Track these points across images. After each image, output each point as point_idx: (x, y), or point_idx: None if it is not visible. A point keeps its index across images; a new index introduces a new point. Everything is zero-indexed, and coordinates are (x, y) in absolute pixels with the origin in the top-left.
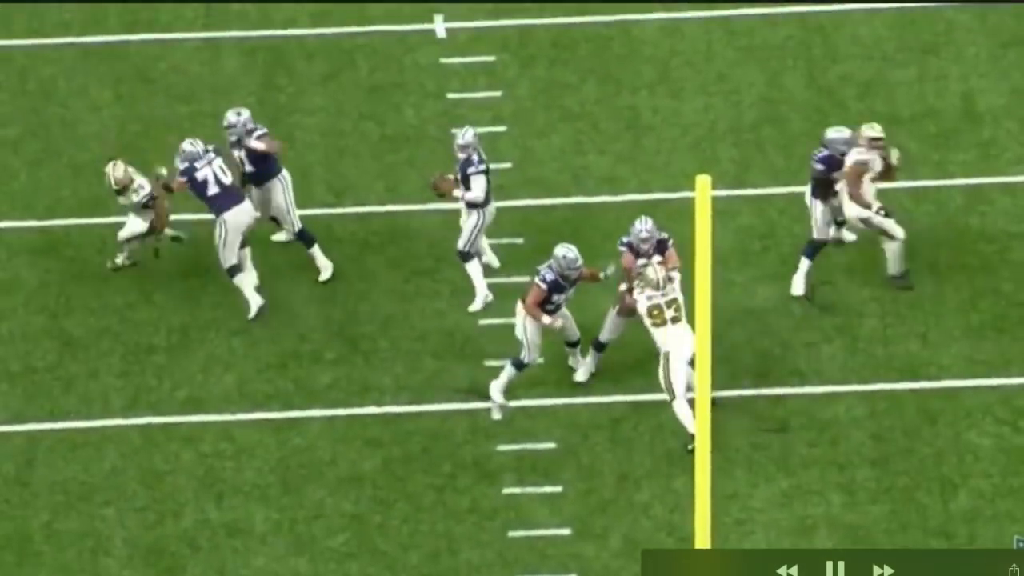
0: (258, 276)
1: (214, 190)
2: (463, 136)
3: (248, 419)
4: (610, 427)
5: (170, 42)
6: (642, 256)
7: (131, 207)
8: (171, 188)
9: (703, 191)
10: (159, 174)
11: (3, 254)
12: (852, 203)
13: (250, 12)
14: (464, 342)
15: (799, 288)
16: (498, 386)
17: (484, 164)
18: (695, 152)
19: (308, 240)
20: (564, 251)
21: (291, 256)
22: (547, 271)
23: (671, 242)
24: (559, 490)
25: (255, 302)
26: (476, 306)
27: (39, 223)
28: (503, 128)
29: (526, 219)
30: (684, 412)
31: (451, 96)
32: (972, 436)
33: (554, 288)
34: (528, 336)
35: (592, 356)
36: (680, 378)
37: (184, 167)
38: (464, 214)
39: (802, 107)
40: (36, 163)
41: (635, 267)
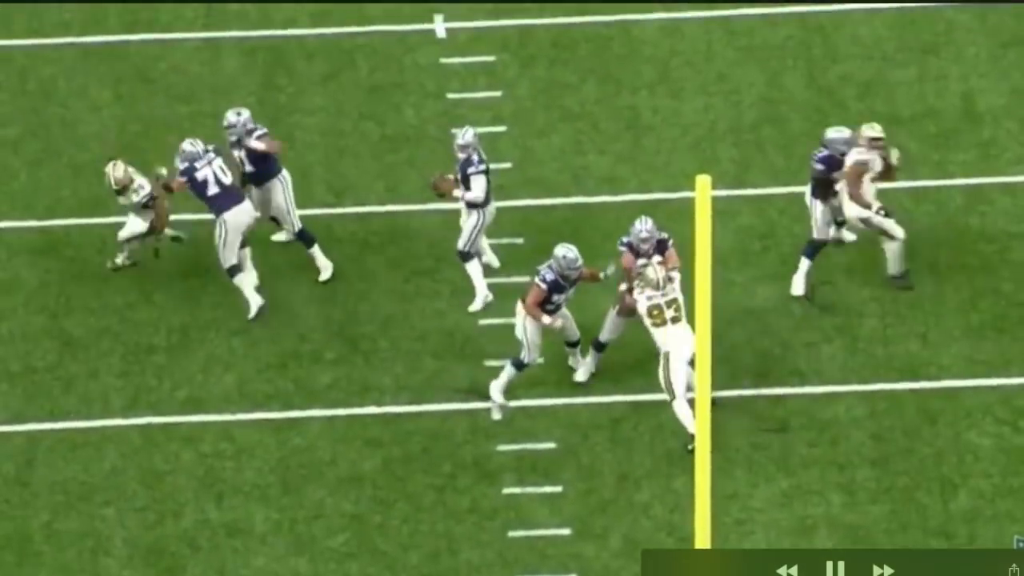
0: (258, 276)
1: (214, 190)
2: (463, 136)
3: (248, 419)
4: (610, 427)
5: (170, 42)
6: (642, 256)
7: (131, 207)
8: (171, 188)
9: (703, 191)
10: (159, 174)
11: (3, 254)
12: (852, 203)
13: (250, 12)
14: (464, 342)
15: (799, 288)
16: (498, 386)
17: (484, 164)
18: (695, 152)
19: (308, 240)
20: (564, 251)
21: (291, 256)
22: (547, 271)
23: (671, 242)
24: (559, 490)
25: (255, 302)
26: (476, 306)
27: (39, 223)
28: (503, 128)
29: (526, 219)
30: (684, 412)
31: (451, 96)
32: (972, 436)
33: (554, 288)
34: (528, 336)
35: (592, 356)
36: (680, 378)
37: (184, 167)
38: (464, 214)
39: (802, 107)
40: (36, 163)
41: (635, 267)
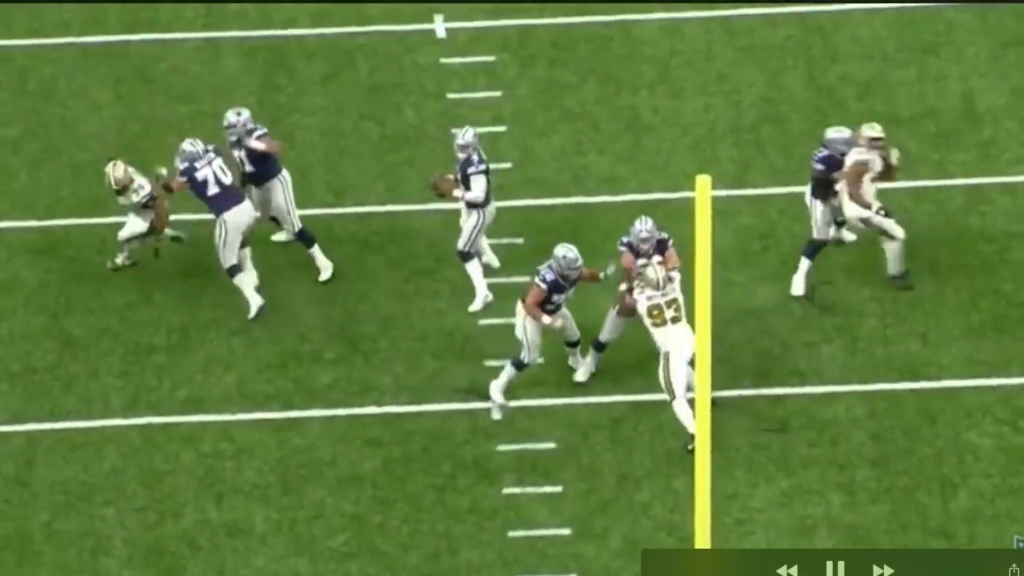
0: (258, 276)
1: (214, 190)
2: (463, 136)
3: (248, 419)
4: (610, 427)
5: (170, 42)
6: (642, 256)
7: (131, 207)
8: (171, 188)
9: (703, 191)
10: (159, 174)
11: (3, 254)
12: (852, 203)
13: (250, 12)
14: (464, 342)
15: (799, 288)
16: (498, 386)
17: (484, 164)
18: (695, 152)
19: (308, 240)
20: (564, 251)
21: (291, 256)
22: (547, 271)
23: (671, 242)
24: (559, 490)
25: (255, 302)
26: (476, 306)
27: (39, 223)
28: (503, 128)
29: (526, 219)
30: (684, 412)
31: (451, 96)
32: (972, 436)
33: (554, 288)
34: (528, 336)
35: (592, 356)
36: (680, 378)
37: (184, 167)
38: (464, 214)
39: (802, 107)
40: (36, 163)
41: (635, 267)
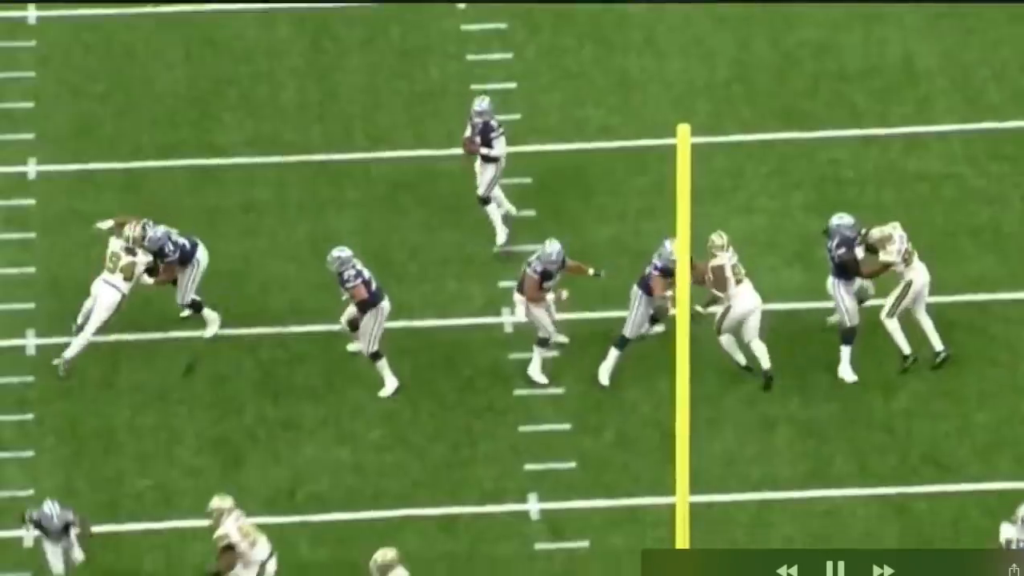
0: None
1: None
2: (479, 104)
3: (300, 331)
4: (604, 338)
5: (232, 12)
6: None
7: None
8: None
9: (683, 138)
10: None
11: (93, 191)
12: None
13: None
14: (481, 267)
15: (849, 375)
16: (535, 368)
17: (501, 127)
18: (676, 105)
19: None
20: (544, 246)
21: (335, 191)
22: (536, 263)
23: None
24: (561, 392)
25: (391, 383)
26: (500, 240)
27: (123, 165)
28: (514, 85)
29: (533, 162)
30: (732, 345)
31: (470, 58)
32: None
33: (545, 277)
34: (537, 318)
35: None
36: (732, 329)
37: (355, 272)
38: (479, 168)
39: (767, 67)
40: (120, 114)
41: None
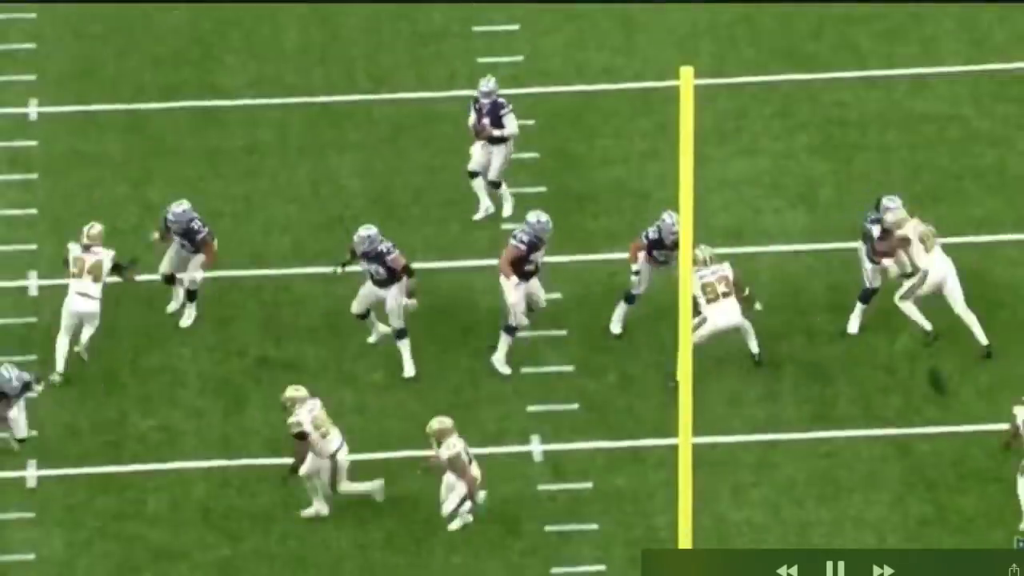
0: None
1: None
2: (486, 84)
3: (302, 273)
4: (607, 281)
5: None
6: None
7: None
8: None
9: (686, 80)
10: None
11: (94, 132)
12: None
13: None
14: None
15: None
16: (500, 358)
17: (510, 103)
18: (680, 47)
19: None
20: (536, 216)
21: (338, 133)
22: (522, 233)
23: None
24: (564, 333)
25: (411, 368)
26: (480, 215)
27: (124, 106)
28: (516, 27)
29: (536, 104)
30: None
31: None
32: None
33: (532, 248)
34: (513, 304)
35: (622, 307)
36: (703, 334)
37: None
38: (482, 150)
39: (771, 8)
40: (122, 54)
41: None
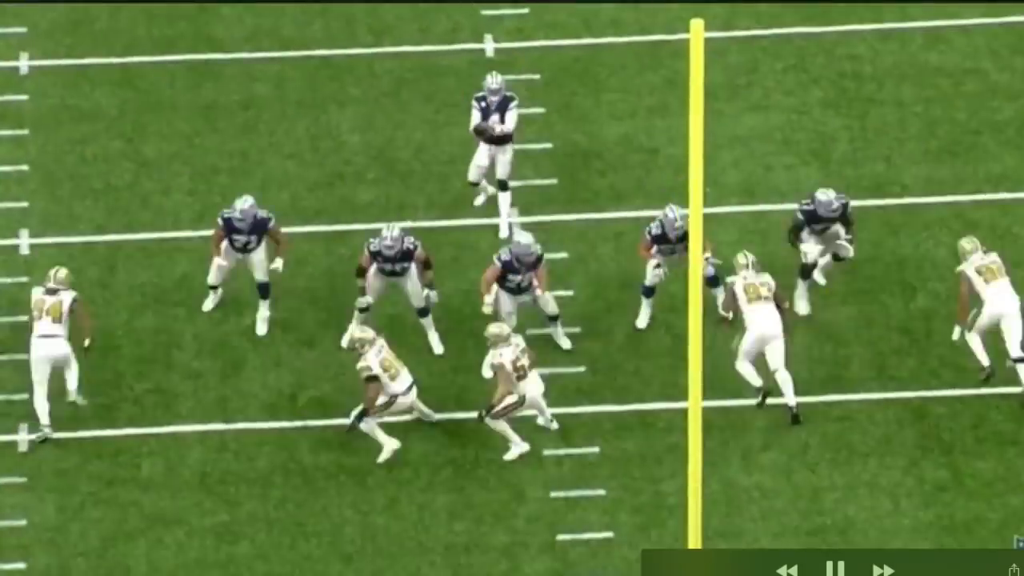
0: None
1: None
2: (493, 82)
3: (300, 231)
4: (614, 239)
5: None
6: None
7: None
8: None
9: (696, 33)
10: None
11: (87, 87)
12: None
13: None
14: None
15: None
16: (487, 364)
17: (515, 95)
18: None
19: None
20: (519, 237)
21: (337, 88)
22: (504, 252)
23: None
24: (571, 294)
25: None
26: (503, 232)
27: (118, 60)
28: None
29: (542, 58)
30: (747, 370)
31: None
32: (930, 246)
33: (508, 268)
34: (499, 310)
35: (646, 304)
36: (747, 348)
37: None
38: (486, 151)
39: None
40: (114, 7)
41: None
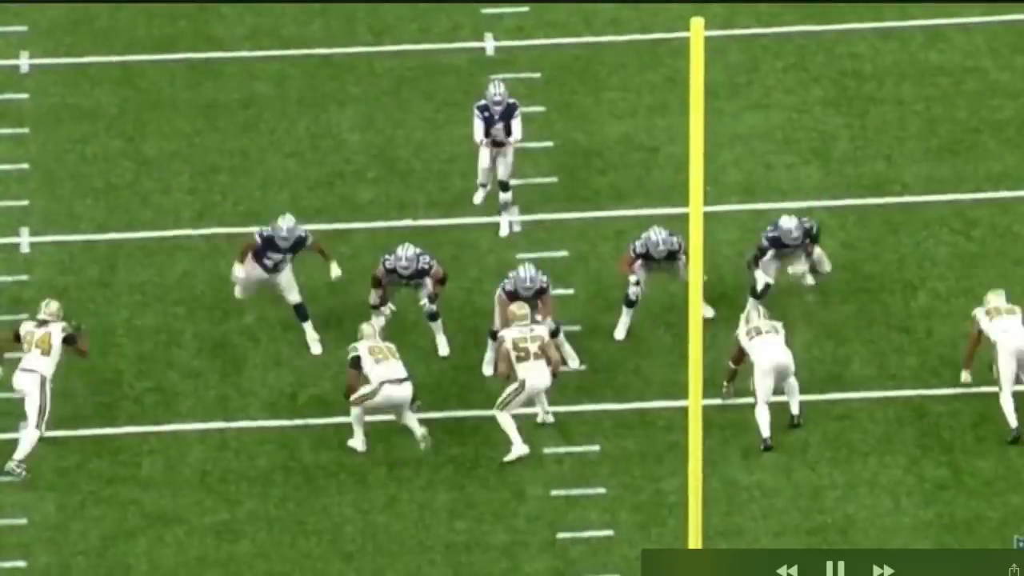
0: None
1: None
2: (497, 92)
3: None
4: (615, 238)
5: None
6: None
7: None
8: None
9: (697, 32)
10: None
11: (87, 85)
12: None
13: None
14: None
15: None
16: (488, 358)
17: (519, 107)
18: None
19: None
20: (519, 270)
21: (337, 86)
22: (507, 282)
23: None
24: (571, 292)
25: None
26: (504, 231)
27: (118, 58)
28: None
29: (543, 56)
30: (763, 416)
31: None
32: (930, 245)
33: (513, 297)
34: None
35: (626, 314)
36: (762, 387)
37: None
38: (488, 154)
39: None
40: (115, 5)
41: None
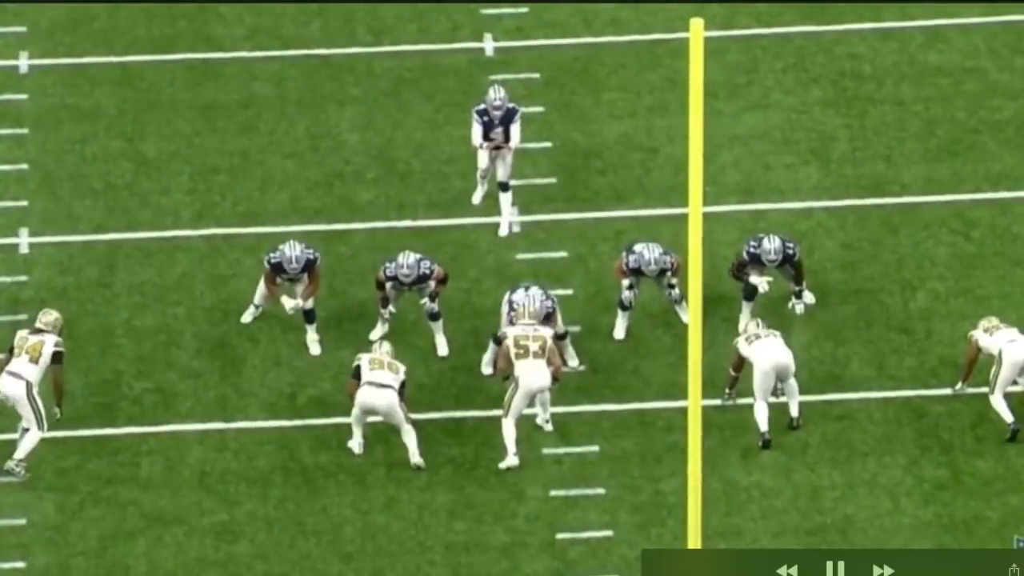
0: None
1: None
2: (497, 97)
3: (299, 230)
4: (614, 238)
5: None
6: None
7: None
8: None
9: (696, 32)
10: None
11: (86, 86)
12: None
13: None
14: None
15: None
16: (486, 360)
17: (520, 110)
18: None
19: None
20: (521, 292)
21: (336, 87)
22: (515, 303)
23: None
24: (571, 292)
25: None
26: (503, 232)
27: (118, 59)
28: None
29: (542, 56)
30: (761, 413)
31: None
32: (929, 245)
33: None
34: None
35: (622, 316)
36: (761, 385)
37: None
38: (487, 156)
39: None
40: (114, 6)
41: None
